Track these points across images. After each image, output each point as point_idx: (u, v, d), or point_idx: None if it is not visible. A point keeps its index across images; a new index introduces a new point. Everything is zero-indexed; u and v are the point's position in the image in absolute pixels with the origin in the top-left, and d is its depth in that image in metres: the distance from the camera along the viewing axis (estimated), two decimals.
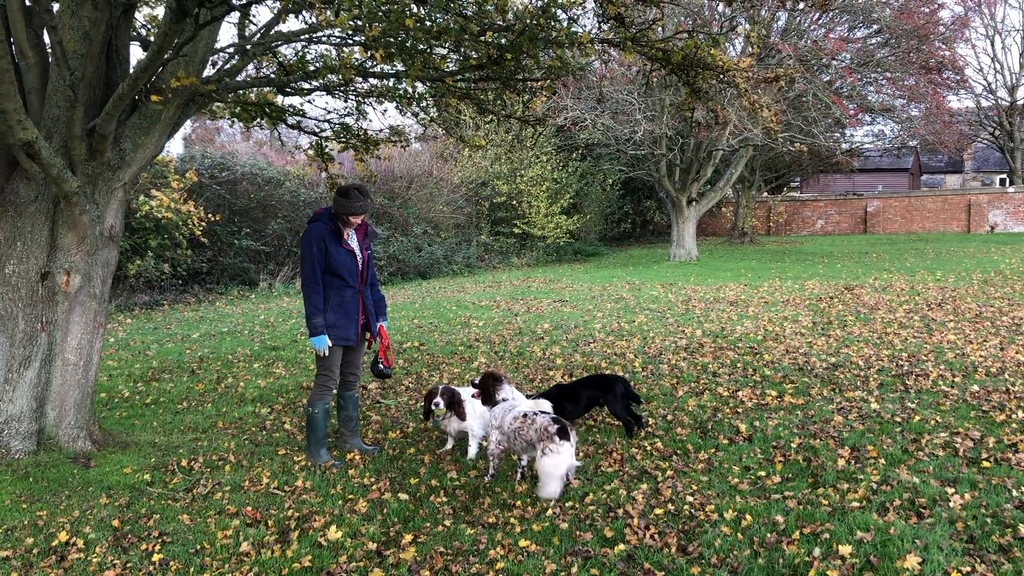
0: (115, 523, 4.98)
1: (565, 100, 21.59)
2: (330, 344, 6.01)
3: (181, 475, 5.90)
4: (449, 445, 6.52)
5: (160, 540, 4.74)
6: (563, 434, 5.17)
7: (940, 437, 6.04)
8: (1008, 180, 45.19)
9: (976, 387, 7.37)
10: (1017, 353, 8.64)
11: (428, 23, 5.91)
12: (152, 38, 6.95)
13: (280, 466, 6.09)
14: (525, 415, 5.48)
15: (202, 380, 9.18)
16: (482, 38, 6.13)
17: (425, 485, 5.61)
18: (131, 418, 7.66)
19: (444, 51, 7.10)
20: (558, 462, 5.12)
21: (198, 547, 4.65)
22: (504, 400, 5.83)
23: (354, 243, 6.19)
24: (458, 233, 25.67)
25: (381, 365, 6.49)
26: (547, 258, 27.27)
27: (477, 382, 6.07)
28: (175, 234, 16.68)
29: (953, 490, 4.97)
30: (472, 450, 6.27)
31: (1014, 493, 4.88)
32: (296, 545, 4.64)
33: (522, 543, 4.56)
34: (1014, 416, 6.44)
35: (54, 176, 5.52)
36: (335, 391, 6.36)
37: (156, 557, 4.52)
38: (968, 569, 3.98)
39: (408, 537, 4.71)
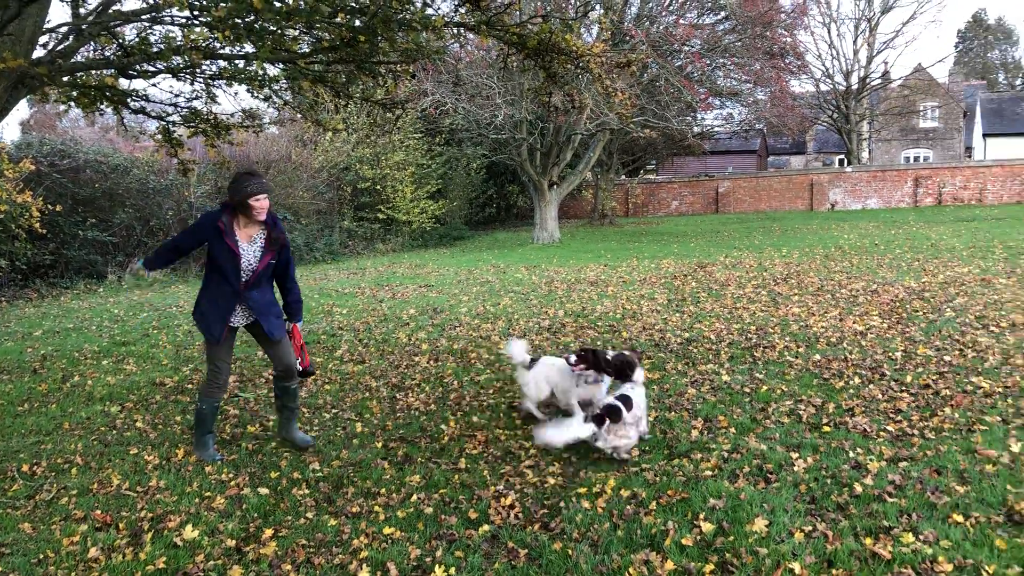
0: None
1: (426, 84, 21.46)
2: (155, 276, 5.76)
3: (22, 481, 5.54)
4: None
5: None
6: None
7: (785, 405, 6.39)
8: (846, 160, 48.11)
9: (818, 356, 7.83)
10: (854, 323, 9.22)
11: (277, 3, 5.73)
12: None
13: (132, 466, 5.82)
14: None
15: (45, 380, 8.65)
16: (335, 19, 6.01)
17: (286, 478, 5.49)
18: None
19: (296, 32, 6.91)
20: None
21: (41, 556, 4.39)
22: None
23: (245, 245, 5.76)
24: (320, 219, 25.10)
25: (299, 366, 6.32)
26: (413, 243, 27.09)
27: None
28: (11, 226, 15.60)
29: (797, 455, 5.27)
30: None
31: (850, 455, 5.22)
32: (150, 547, 4.45)
33: (386, 531, 4.54)
34: (851, 382, 6.88)
35: None
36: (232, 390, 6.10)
37: None
38: (810, 528, 4.23)
39: (269, 532, 4.60)
